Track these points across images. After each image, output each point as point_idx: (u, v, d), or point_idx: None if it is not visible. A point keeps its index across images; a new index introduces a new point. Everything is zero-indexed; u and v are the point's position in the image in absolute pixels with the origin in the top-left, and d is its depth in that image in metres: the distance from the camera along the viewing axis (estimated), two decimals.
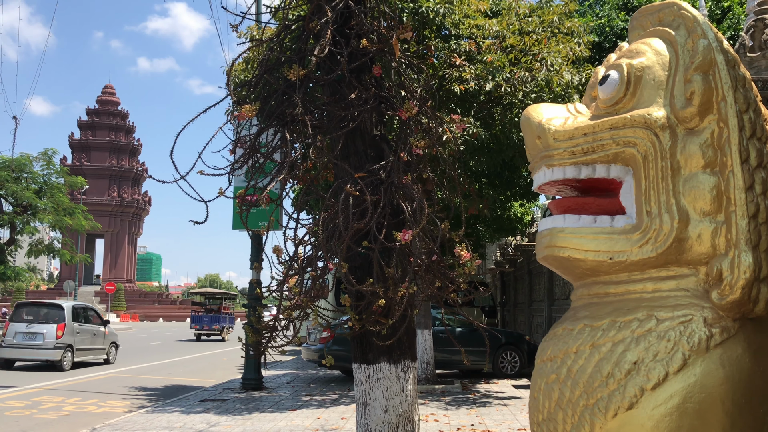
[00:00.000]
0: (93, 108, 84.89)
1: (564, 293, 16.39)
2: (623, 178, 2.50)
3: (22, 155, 38.00)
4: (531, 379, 2.69)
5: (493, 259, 30.78)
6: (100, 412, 10.41)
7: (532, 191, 13.48)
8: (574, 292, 2.73)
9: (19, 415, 10.01)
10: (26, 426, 9.20)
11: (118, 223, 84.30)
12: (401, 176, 4.30)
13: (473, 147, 10.29)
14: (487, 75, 9.59)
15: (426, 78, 4.96)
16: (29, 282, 70.64)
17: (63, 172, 40.33)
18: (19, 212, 37.07)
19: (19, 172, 37.40)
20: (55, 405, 11.02)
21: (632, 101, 2.52)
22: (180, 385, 14.31)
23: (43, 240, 39.87)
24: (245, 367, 12.99)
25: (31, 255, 39.35)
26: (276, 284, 4.36)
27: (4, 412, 10.19)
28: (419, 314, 12.48)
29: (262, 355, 4.68)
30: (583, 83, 9.87)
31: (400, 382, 4.49)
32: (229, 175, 4.51)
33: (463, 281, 4.37)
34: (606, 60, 2.78)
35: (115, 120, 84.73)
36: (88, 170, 78.45)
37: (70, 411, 10.46)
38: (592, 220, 2.52)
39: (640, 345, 2.30)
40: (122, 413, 10.24)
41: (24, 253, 40.34)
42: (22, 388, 13.08)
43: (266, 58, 4.66)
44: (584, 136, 2.52)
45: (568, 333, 2.51)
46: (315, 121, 4.56)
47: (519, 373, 14.97)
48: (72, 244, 42.53)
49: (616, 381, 2.30)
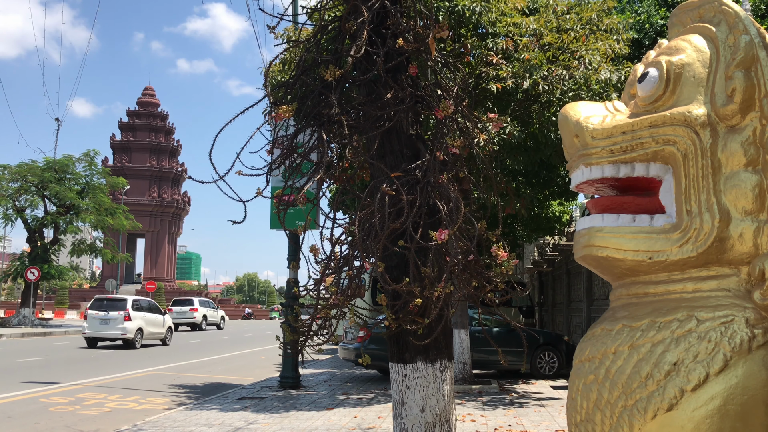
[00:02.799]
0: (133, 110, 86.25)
1: (603, 293, 16.21)
2: (663, 177, 2.47)
3: (65, 156, 38.85)
4: (569, 379, 2.67)
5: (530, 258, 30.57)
6: (140, 409, 10.59)
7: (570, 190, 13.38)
8: (612, 292, 2.71)
9: (63, 411, 10.23)
10: (70, 421, 9.40)
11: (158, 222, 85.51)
12: (437, 175, 4.30)
13: (510, 146, 10.23)
14: (525, 73, 9.53)
15: (462, 77, 4.95)
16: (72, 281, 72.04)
17: (104, 172, 41.11)
18: (62, 212, 37.88)
19: (62, 173, 38.22)
20: (97, 401, 11.24)
21: (672, 99, 2.49)
22: (219, 383, 14.48)
23: (85, 239, 40.69)
24: (283, 365, 13.08)
25: (74, 254, 40.20)
26: (313, 283, 4.39)
27: (48, 408, 10.42)
28: (456, 314, 12.45)
29: (299, 354, 4.71)
30: (621, 81, 9.74)
31: (437, 382, 4.48)
32: (266, 175, 4.55)
33: (501, 281, 4.35)
34: (645, 57, 2.75)
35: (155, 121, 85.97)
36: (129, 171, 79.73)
37: (112, 407, 10.66)
38: (631, 219, 2.49)
39: (680, 346, 2.28)
40: (162, 410, 10.39)
41: (67, 252, 41.20)
42: (65, 385, 13.36)
43: (303, 58, 4.69)
44: (623, 135, 2.49)
45: (607, 333, 2.49)
46: (351, 121, 4.58)
47: (557, 374, 14.85)
48: (113, 244, 43.34)
49: (655, 382, 2.27)
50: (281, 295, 11.08)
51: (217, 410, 10.02)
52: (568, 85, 9.72)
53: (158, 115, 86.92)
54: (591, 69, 9.69)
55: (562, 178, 13.24)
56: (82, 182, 39.28)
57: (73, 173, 38.91)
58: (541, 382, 13.99)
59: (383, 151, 4.59)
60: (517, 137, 9.91)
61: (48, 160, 38.12)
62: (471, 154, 4.83)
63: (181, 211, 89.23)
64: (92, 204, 38.21)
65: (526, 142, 10.55)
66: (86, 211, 38.01)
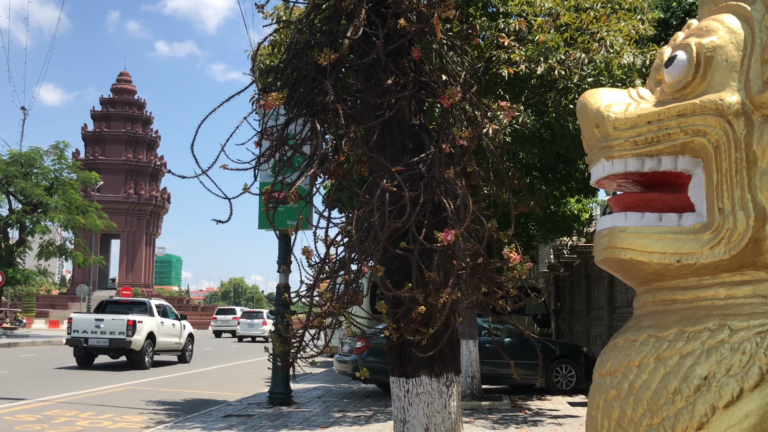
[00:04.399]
0: (107, 97, 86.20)
1: (626, 300, 16.21)
2: (692, 172, 2.47)
3: (32, 149, 38.83)
4: (588, 395, 2.67)
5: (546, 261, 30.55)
6: (115, 428, 10.59)
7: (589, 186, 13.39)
8: (636, 298, 2.71)
9: (30, 429, 10.23)
10: None
11: (134, 222, 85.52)
12: (443, 170, 4.30)
13: (523, 137, 10.23)
14: (539, 57, 9.52)
15: (471, 61, 4.95)
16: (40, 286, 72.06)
17: (75, 166, 41.11)
18: (29, 211, 37.88)
19: (28, 168, 38.21)
20: (67, 419, 11.24)
21: (702, 85, 2.48)
22: (202, 399, 14.48)
23: (54, 241, 40.72)
24: (272, 379, 13.08)
25: (42, 257, 40.17)
26: (306, 289, 4.40)
27: (13, 427, 10.42)
28: (463, 323, 12.45)
29: (290, 367, 4.72)
30: (646, 65, 9.74)
31: (443, 398, 4.49)
32: (254, 169, 4.55)
33: (513, 286, 4.36)
34: (672, 39, 2.75)
35: (131, 110, 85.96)
36: (103, 165, 79.69)
37: (84, 426, 10.66)
38: (657, 218, 2.49)
39: (711, 358, 2.27)
40: (139, 429, 10.39)
41: (34, 255, 41.22)
42: (33, 401, 13.35)
43: (294, 41, 4.69)
44: (648, 125, 2.49)
45: (630, 344, 2.49)
46: (348, 109, 4.58)
47: (575, 389, 14.85)
48: (85, 245, 43.30)
49: (684, 398, 2.27)
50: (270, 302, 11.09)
51: (199, 429, 10.02)
52: (588, 70, 9.71)
53: (135, 104, 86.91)
54: (613, 52, 9.69)
55: (580, 172, 13.23)
56: (50, 177, 39.27)
57: (40, 167, 38.91)
58: (558, 398, 14.00)
59: (383, 143, 4.59)
60: (531, 127, 9.91)
61: (13, 153, 38.12)
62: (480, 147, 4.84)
63: (160, 209, 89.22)
64: (62, 201, 38.19)
65: (541, 133, 10.54)
66: (55, 209, 37.99)
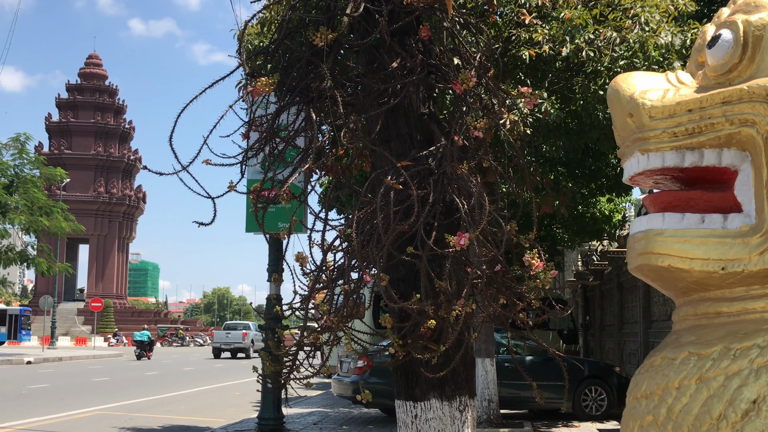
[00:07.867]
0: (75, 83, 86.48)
1: (664, 313, 16.20)
2: (739, 167, 2.47)
3: None
4: (621, 421, 2.67)
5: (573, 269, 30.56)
6: None
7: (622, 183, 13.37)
8: (676, 311, 2.71)
9: None
10: None
11: (105, 224, 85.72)
12: (456, 165, 4.30)
13: (547, 127, 10.22)
14: (565, 36, 9.51)
15: (487, 41, 4.95)
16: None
17: (38, 161, 41.13)
18: None
19: None
20: None
21: (750, 68, 2.48)
22: (182, 426, 14.50)
23: (14, 246, 40.72)
24: (262, 403, 13.08)
25: (0, 264, 40.20)
26: (300, 301, 4.40)
27: None
28: (479, 339, 12.44)
29: (282, 389, 4.72)
30: (686, 46, 9.73)
31: (455, 424, 4.48)
32: (241, 165, 4.56)
33: (535, 298, 4.35)
34: (716, 16, 2.74)
35: (101, 98, 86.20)
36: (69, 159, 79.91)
37: None
38: (700, 219, 2.49)
39: (761, 379, 2.27)
40: None
41: None
42: None
43: (287, 18, 4.69)
44: (689, 113, 2.49)
45: (669, 363, 2.49)
46: (347, 96, 4.58)
47: (606, 414, 14.84)
48: (50, 251, 43.30)
49: (730, 424, 2.27)
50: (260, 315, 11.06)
51: None
52: (620, 51, 9.70)
53: (106, 90, 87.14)
54: (648, 30, 9.67)
55: (612, 167, 13.21)
56: (9, 174, 39.31)
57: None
58: (586, 425, 13.98)
59: (388, 134, 4.59)
60: (556, 117, 9.90)
61: None
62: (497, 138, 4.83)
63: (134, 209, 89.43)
64: (23, 201, 38.22)
65: (567, 123, 10.54)
66: (15, 210, 38.02)
